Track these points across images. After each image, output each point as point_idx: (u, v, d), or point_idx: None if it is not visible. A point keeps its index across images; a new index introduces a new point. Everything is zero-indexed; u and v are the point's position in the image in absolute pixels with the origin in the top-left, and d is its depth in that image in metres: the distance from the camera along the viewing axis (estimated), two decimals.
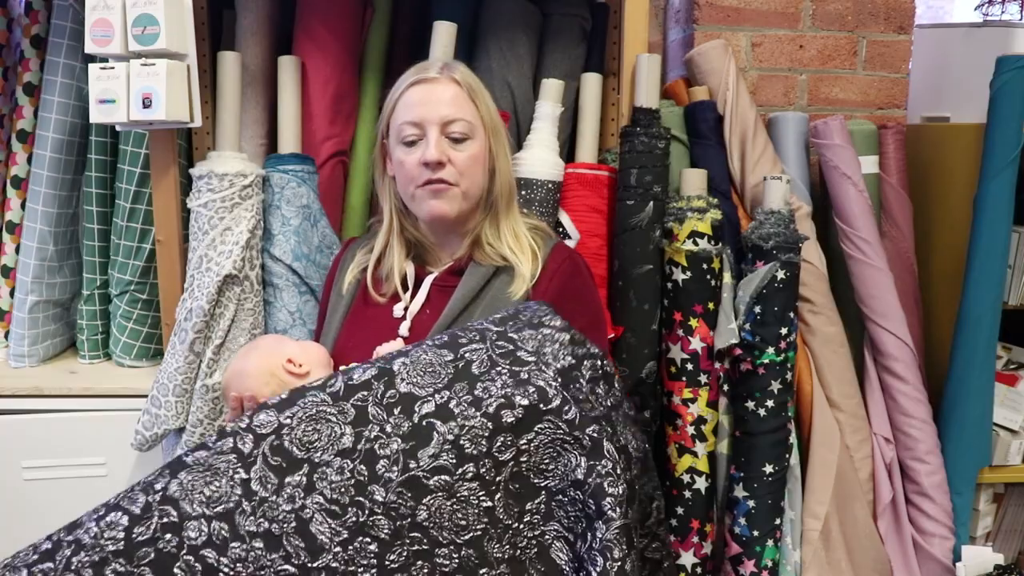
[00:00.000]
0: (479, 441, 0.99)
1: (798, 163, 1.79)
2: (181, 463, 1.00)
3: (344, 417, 0.99)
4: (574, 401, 1.00)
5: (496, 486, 0.99)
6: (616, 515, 0.96)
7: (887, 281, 1.74)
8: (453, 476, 0.98)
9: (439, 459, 0.97)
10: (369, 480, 0.97)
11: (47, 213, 1.79)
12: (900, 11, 1.99)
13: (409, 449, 0.98)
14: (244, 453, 0.98)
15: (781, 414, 1.61)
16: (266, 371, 1.26)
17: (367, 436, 0.99)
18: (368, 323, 1.36)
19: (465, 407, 0.99)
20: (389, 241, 1.39)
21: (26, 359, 1.83)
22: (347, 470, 0.97)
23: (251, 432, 0.99)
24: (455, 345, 1.05)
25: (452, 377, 1.02)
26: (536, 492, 1.00)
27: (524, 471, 1.00)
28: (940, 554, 1.73)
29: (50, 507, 1.69)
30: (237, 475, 0.97)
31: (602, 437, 0.99)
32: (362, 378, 1.02)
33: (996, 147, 1.68)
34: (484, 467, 0.99)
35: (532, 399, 1.00)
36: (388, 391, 1.01)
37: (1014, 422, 1.86)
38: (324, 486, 0.97)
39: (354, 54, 1.75)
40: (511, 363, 1.02)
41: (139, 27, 1.47)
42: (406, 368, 1.03)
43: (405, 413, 1.00)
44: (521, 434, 1.00)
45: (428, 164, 1.28)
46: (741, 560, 1.63)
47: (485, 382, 1.01)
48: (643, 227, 1.61)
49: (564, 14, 1.75)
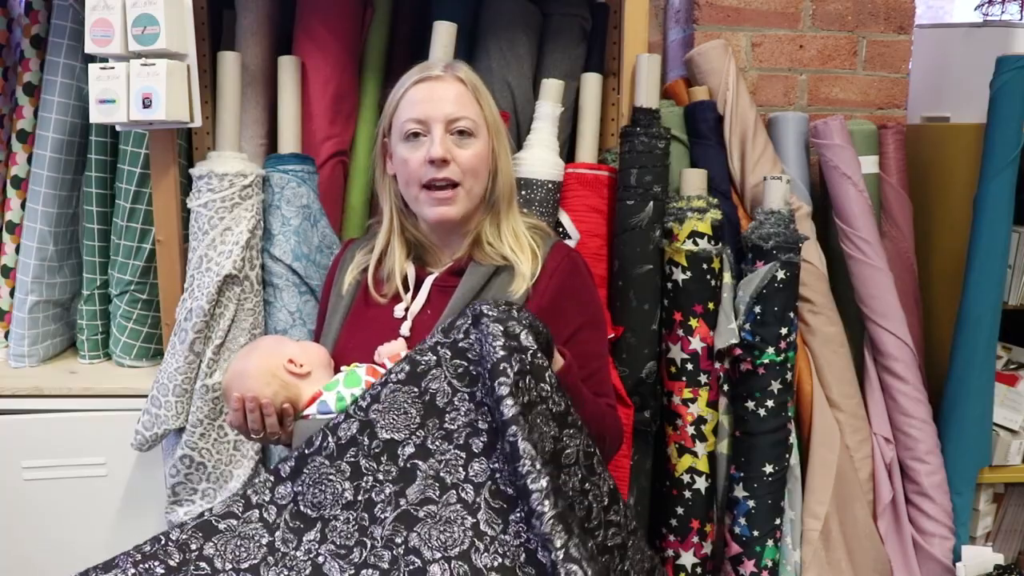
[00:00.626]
0: (456, 470, 1.10)
1: (798, 163, 1.79)
2: (213, 528, 1.13)
3: (342, 475, 1.13)
4: (496, 404, 1.07)
5: (477, 506, 1.08)
6: (546, 508, 1.01)
7: (887, 281, 1.74)
8: (438, 505, 1.09)
9: (425, 493, 1.09)
10: (369, 522, 1.10)
11: (47, 213, 1.79)
12: (900, 11, 1.99)
13: (399, 490, 1.09)
14: (269, 522, 1.14)
15: (781, 414, 1.61)
16: (267, 371, 1.26)
17: (364, 487, 1.11)
18: (369, 324, 1.36)
19: (440, 443, 1.10)
20: (390, 241, 1.39)
21: (26, 359, 1.83)
22: (352, 520, 1.11)
23: (274, 505, 1.14)
24: (416, 376, 1.13)
25: (423, 415, 1.12)
26: (515, 502, 1.08)
27: (501, 487, 1.09)
28: (940, 554, 1.73)
29: (50, 507, 1.70)
30: (263, 539, 1.13)
31: (517, 438, 1.05)
32: (348, 434, 1.13)
33: (996, 147, 1.68)
34: (464, 491, 1.09)
35: (488, 421, 1.09)
36: (373, 442, 1.12)
37: (1014, 422, 1.87)
38: (334, 536, 1.11)
39: (354, 54, 1.75)
40: (467, 384, 1.11)
41: (139, 27, 1.47)
42: (381, 416, 1.13)
43: (391, 459, 1.11)
44: (490, 456, 1.09)
45: (433, 161, 1.28)
46: (741, 560, 1.63)
47: (451, 412, 1.10)
48: (643, 227, 1.61)
49: (564, 14, 1.75)
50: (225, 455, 1.62)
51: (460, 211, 1.32)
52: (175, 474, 1.60)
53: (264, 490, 1.15)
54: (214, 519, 1.13)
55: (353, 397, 1.22)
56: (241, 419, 1.24)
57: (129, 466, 1.70)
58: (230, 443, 1.62)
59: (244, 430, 1.26)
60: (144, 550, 1.10)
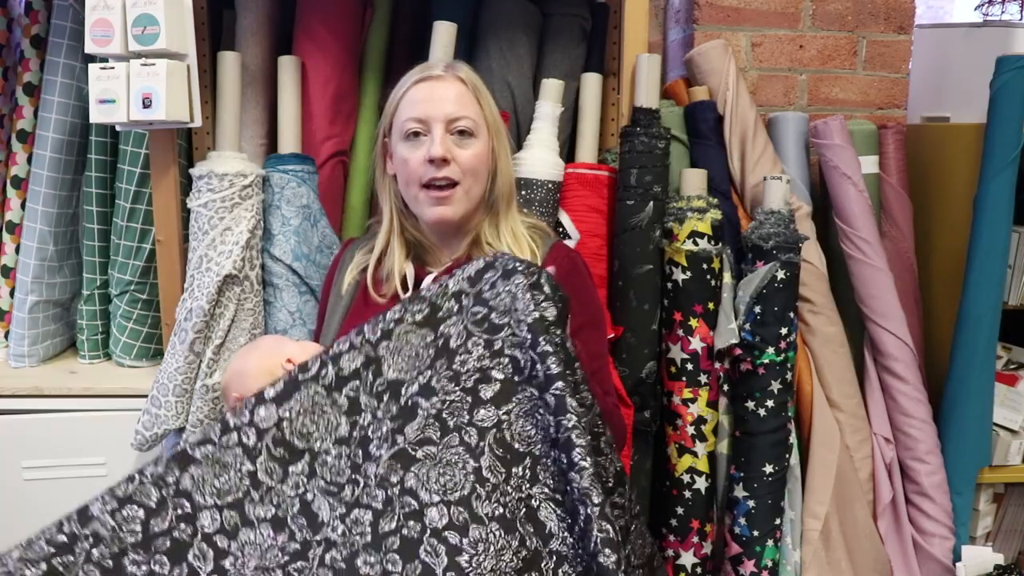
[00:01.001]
0: (461, 413, 1.05)
1: (798, 163, 1.79)
2: (189, 457, 1.06)
3: (339, 408, 1.06)
4: (540, 359, 1.04)
5: (481, 450, 1.05)
6: (587, 463, 1.00)
7: (887, 281, 1.74)
8: (438, 445, 1.05)
9: (424, 432, 1.04)
10: (363, 459, 1.05)
11: (47, 213, 1.79)
12: (900, 11, 1.99)
13: (397, 427, 1.04)
14: (249, 447, 1.06)
15: (781, 414, 1.61)
16: (266, 371, 1.26)
17: (361, 423, 1.06)
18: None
19: (445, 383, 1.05)
20: (389, 241, 1.39)
21: (26, 359, 1.83)
22: (344, 455, 1.05)
23: (254, 427, 1.06)
24: (435, 321, 1.09)
25: (433, 356, 1.07)
26: (521, 457, 1.05)
27: (507, 439, 1.06)
28: (940, 554, 1.73)
29: (50, 507, 1.68)
30: (244, 467, 1.05)
31: (564, 394, 1.03)
32: (351, 367, 1.07)
33: (996, 147, 1.68)
34: (468, 435, 1.05)
35: (507, 372, 1.06)
36: (376, 379, 1.07)
37: (1014, 422, 1.86)
38: (324, 471, 1.05)
39: (354, 54, 1.75)
40: (485, 331, 1.06)
41: (139, 27, 1.47)
42: (391, 354, 1.08)
43: (394, 398, 1.06)
44: (500, 405, 1.06)
45: (433, 161, 1.28)
46: (741, 560, 1.63)
47: (462, 355, 1.06)
48: (643, 227, 1.61)
49: (564, 14, 1.75)
50: None
51: (459, 211, 1.32)
52: None
53: (243, 411, 1.07)
54: (188, 447, 1.07)
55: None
56: None
57: (129, 466, 1.69)
58: None
59: None
60: (119, 494, 1.06)
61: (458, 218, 1.33)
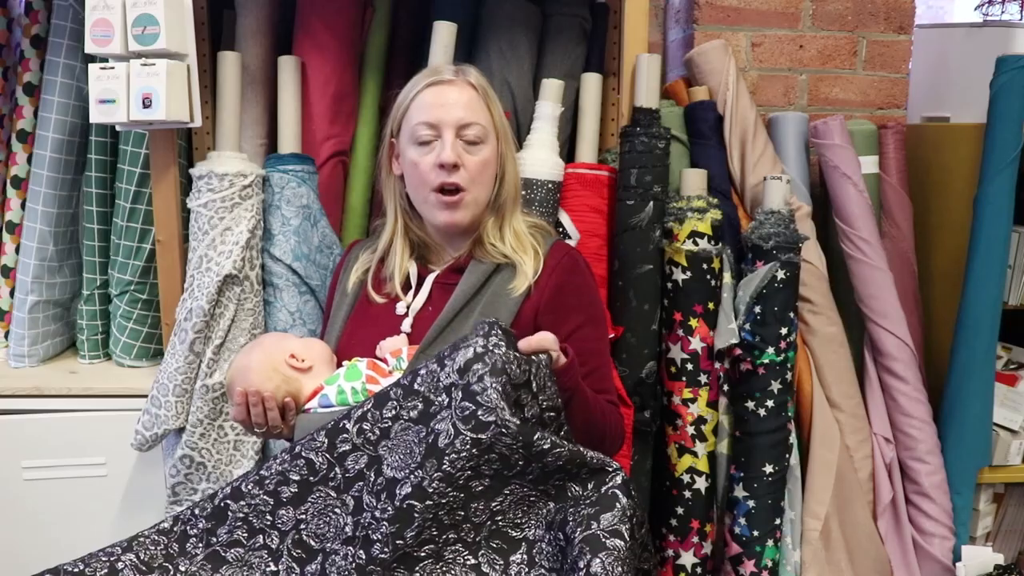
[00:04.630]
0: (455, 511, 1.09)
1: (798, 163, 1.79)
2: (220, 558, 1.14)
3: (346, 509, 1.13)
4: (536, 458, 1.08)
5: (478, 545, 1.10)
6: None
7: (887, 281, 1.74)
8: (437, 544, 1.09)
9: (423, 534, 1.08)
10: (367, 563, 1.09)
11: (47, 213, 1.79)
12: (900, 11, 1.99)
13: (396, 532, 1.08)
14: (272, 549, 1.14)
15: (781, 414, 1.61)
16: (269, 366, 1.28)
17: (363, 524, 1.11)
18: (371, 321, 1.37)
19: (437, 483, 1.07)
20: (393, 241, 1.40)
21: (26, 359, 1.83)
22: (351, 555, 1.10)
23: (276, 530, 1.15)
24: (427, 417, 1.12)
25: (423, 455, 1.09)
26: (517, 544, 1.11)
27: (502, 528, 1.11)
28: (940, 554, 1.73)
29: (50, 507, 1.70)
30: (268, 568, 1.14)
31: (563, 482, 1.09)
32: (356, 468, 1.13)
33: (996, 147, 1.68)
34: (464, 531, 1.10)
35: (496, 467, 1.08)
36: (378, 478, 1.12)
37: (1014, 422, 1.86)
38: (333, 570, 1.10)
39: (354, 54, 1.75)
40: (472, 428, 1.07)
41: (139, 27, 1.47)
42: (389, 452, 1.12)
43: (389, 497, 1.09)
44: (492, 499, 1.10)
45: (443, 166, 1.28)
46: (741, 560, 1.63)
47: (451, 455, 1.07)
48: (643, 227, 1.61)
49: (564, 14, 1.75)
50: (225, 455, 1.62)
51: (467, 216, 1.33)
52: (175, 474, 1.60)
53: (265, 514, 1.15)
54: (221, 548, 1.14)
55: (353, 391, 1.24)
56: (244, 413, 1.26)
57: (129, 466, 1.69)
58: (230, 443, 1.62)
59: (247, 424, 1.27)
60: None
61: (465, 224, 1.34)
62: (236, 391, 1.26)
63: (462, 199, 1.31)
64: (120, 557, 1.12)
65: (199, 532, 1.15)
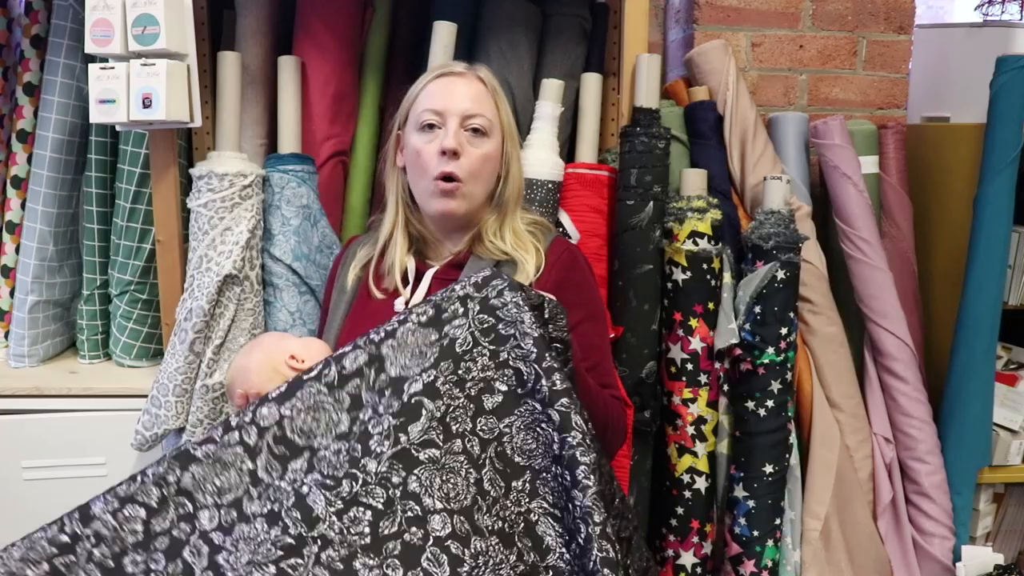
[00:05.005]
0: (464, 420, 1.05)
1: (798, 163, 1.79)
2: (190, 456, 1.06)
3: (340, 405, 1.06)
4: (546, 374, 1.05)
5: (482, 461, 1.05)
6: (591, 482, 1.00)
7: (887, 281, 1.74)
8: (441, 449, 1.04)
9: (428, 433, 1.04)
10: (362, 454, 1.03)
11: (47, 213, 1.79)
12: (900, 11, 1.99)
13: (399, 424, 1.03)
14: (250, 445, 1.06)
15: (781, 414, 1.61)
16: (269, 367, 1.27)
17: (361, 418, 1.05)
18: (370, 318, 1.36)
19: (450, 387, 1.05)
20: (393, 234, 1.39)
21: (26, 359, 1.83)
22: (344, 450, 1.04)
23: (255, 425, 1.06)
24: (439, 322, 1.08)
25: (437, 356, 1.06)
26: (521, 471, 1.06)
27: (508, 452, 1.06)
28: (940, 554, 1.73)
29: (50, 507, 1.68)
30: (245, 465, 1.05)
31: (570, 411, 1.03)
32: (354, 366, 1.07)
33: (996, 147, 1.68)
34: (470, 443, 1.05)
35: (510, 383, 1.06)
36: (379, 376, 1.06)
37: (1014, 422, 1.86)
38: (322, 466, 1.04)
39: (354, 54, 1.75)
40: (491, 341, 1.06)
41: (139, 27, 1.47)
42: (394, 351, 1.07)
43: (396, 394, 1.05)
44: (502, 417, 1.06)
45: (444, 152, 1.29)
46: (741, 560, 1.63)
47: (467, 361, 1.05)
48: (643, 227, 1.61)
49: (564, 14, 1.75)
50: None
51: (463, 208, 1.33)
52: None
53: (246, 411, 1.07)
54: (191, 446, 1.07)
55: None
56: None
57: (129, 466, 1.69)
58: None
59: None
60: (120, 493, 1.07)
61: (462, 213, 1.34)
62: (237, 393, 1.25)
63: (458, 188, 1.31)
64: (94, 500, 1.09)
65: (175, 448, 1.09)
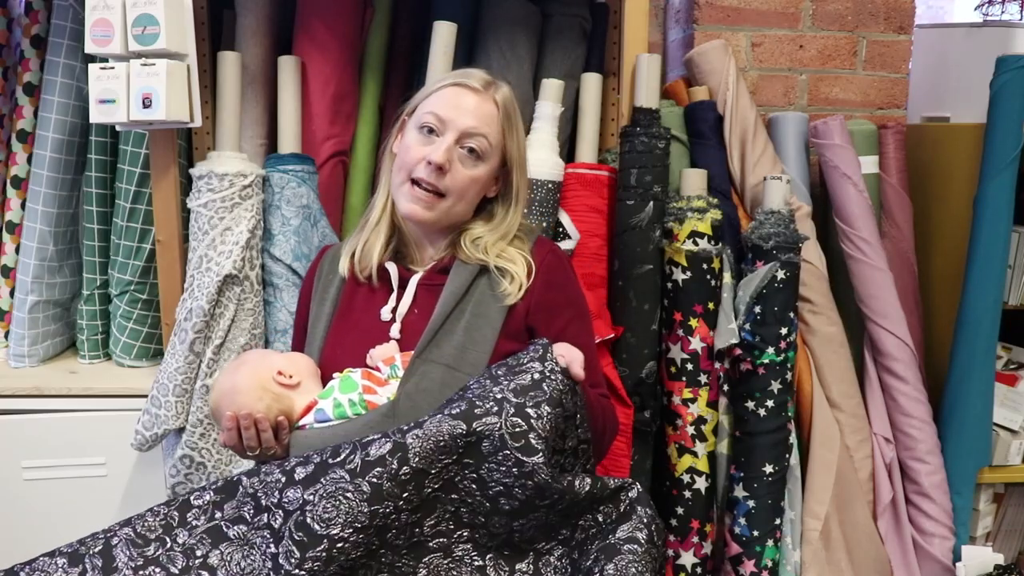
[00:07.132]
0: (477, 515, 1.09)
1: (798, 163, 1.79)
2: (223, 534, 1.08)
3: (361, 495, 1.05)
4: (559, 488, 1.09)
5: (488, 550, 1.11)
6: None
7: (887, 281, 1.74)
8: (450, 539, 1.08)
9: (439, 526, 1.08)
10: (379, 547, 1.06)
11: (47, 213, 1.79)
12: (900, 11, 1.99)
13: (416, 520, 1.07)
14: (275, 528, 1.06)
15: (781, 414, 1.61)
16: (257, 385, 1.23)
17: (381, 512, 1.05)
18: (356, 328, 1.34)
19: (468, 484, 1.08)
20: (380, 219, 1.36)
21: (26, 359, 1.83)
22: (362, 543, 1.05)
23: (281, 508, 1.07)
24: (470, 416, 1.08)
25: (462, 453, 1.07)
26: (524, 554, 1.12)
27: (516, 542, 1.12)
28: (940, 554, 1.73)
29: (50, 507, 1.69)
30: (269, 550, 1.06)
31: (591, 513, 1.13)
32: (378, 453, 1.07)
33: (996, 147, 1.68)
34: (479, 534, 1.10)
35: (530, 494, 1.07)
36: (402, 468, 1.06)
37: (1014, 422, 1.86)
38: (341, 558, 1.04)
39: (354, 54, 1.75)
40: (519, 450, 1.06)
41: (139, 27, 1.47)
42: (419, 441, 1.07)
43: (416, 489, 1.06)
44: (516, 519, 1.10)
45: (430, 163, 1.27)
46: (741, 560, 1.63)
47: (490, 464, 1.07)
48: (643, 227, 1.61)
49: (564, 14, 1.75)
50: (225, 455, 1.62)
51: (432, 218, 1.29)
52: (175, 474, 1.60)
53: (274, 491, 1.08)
54: (225, 523, 1.08)
55: (351, 403, 1.20)
56: (236, 438, 1.20)
57: (129, 466, 1.70)
58: None
59: (239, 449, 1.21)
60: (148, 553, 1.06)
61: (428, 223, 1.30)
62: (225, 415, 1.20)
63: (435, 203, 1.27)
64: (116, 532, 1.08)
65: (204, 504, 1.10)
